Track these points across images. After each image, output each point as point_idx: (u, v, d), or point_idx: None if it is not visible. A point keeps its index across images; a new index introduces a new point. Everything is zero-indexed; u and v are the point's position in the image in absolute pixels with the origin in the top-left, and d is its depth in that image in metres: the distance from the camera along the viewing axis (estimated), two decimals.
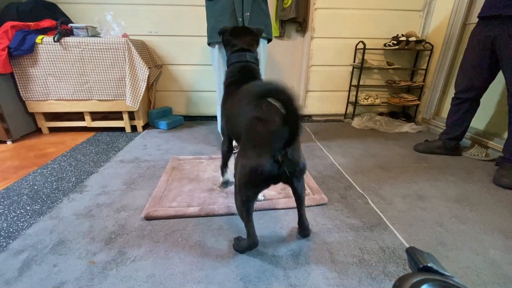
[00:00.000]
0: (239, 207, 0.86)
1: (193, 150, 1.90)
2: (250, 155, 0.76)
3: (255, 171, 0.73)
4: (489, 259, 0.95)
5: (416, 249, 0.40)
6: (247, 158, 0.76)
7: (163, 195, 1.30)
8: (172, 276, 0.86)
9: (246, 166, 0.76)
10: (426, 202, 1.30)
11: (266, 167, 0.72)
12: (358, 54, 2.57)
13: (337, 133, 2.35)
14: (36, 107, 2.11)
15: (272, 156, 0.72)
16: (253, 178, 0.75)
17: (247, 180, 0.77)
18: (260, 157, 0.73)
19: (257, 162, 0.73)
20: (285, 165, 0.74)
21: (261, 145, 0.74)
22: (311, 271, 0.89)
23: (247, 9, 1.57)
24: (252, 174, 0.74)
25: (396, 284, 0.33)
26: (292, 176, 0.79)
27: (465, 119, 1.77)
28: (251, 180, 0.76)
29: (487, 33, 1.52)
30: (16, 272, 0.87)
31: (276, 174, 0.75)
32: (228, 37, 1.20)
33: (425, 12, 2.46)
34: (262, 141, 0.74)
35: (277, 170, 0.74)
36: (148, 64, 2.22)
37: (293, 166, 0.76)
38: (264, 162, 0.72)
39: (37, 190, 1.36)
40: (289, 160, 0.74)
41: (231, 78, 1.16)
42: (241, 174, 0.78)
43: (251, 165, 0.74)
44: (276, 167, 0.73)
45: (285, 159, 0.73)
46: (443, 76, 2.31)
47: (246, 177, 0.77)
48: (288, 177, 0.79)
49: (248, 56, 1.17)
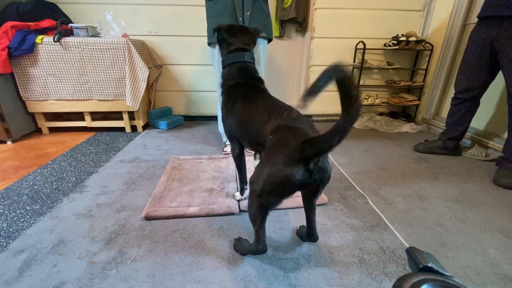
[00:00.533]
0: (254, 212, 0.81)
1: (193, 150, 1.90)
2: (280, 163, 0.72)
3: (287, 180, 0.70)
4: (489, 259, 0.95)
5: (416, 249, 0.40)
6: (277, 166, 0.72)
7: (163, 195, 1.30)
8: (172, 276, 0.86)
9: (275, 175, 0.72)
10: (426, 202, 1.30)
11: (299, 175, 0.70)
12: (358, 54, 2.56)
13: None
14: (36, 107, 2.11)
15: (306, 164, 0.70)
16: (282, 187, 0.73)
17: (274, 188, 0.74)
18: (292, 165, 0.70)
19: (289, 171, 0.70)
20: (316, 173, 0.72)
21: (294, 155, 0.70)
22: (311, 271, 0.89)
23: (248, 9, 1.56)
24: (283, 183, 0.71)
25: (396, 284, 0.33)
26: (321, 184, 0.77)
27: (465, 119, 1.77)
28: (279, 188, 0.73)
29: (487, 34, 1.52)
30: (16, 272, 0.87)
31: (307, 183, 0.73)
32: (224, 35, 1.14)
33: (425, 12, 2.46)
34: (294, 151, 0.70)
35: (308, 178, 0.72)
36: (148, 64, 2.22)
37: (323, 174, 0.74)
38: (296, 170, 0.70)
39: (37, 190, 1.36)
40: (320, 168, 0.73)
41: (230, 80, 1.10)
42: (267, 182, 0.74)
43: (282, 174, 0.71)
44: (308, 175, 0.71)
45: (316, 168, 0.72)
46: (443, 76, 2.31)
47: (274, 185, 0.73)
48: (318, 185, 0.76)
49: (246, 56, 1.12)
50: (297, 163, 0.70)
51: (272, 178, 0.73)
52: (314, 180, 0.73)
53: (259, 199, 0.77)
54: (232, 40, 1.13)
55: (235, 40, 1.13)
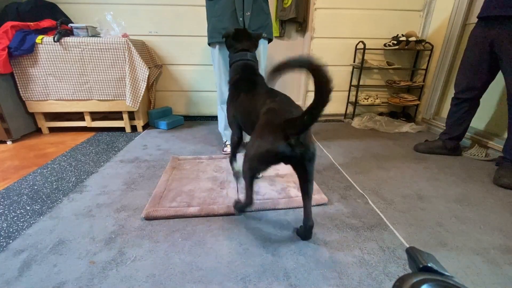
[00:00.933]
0: (246, 171, 0.97)
1: (193, 150, 1.90)
2: (267, 137, 0.86)
3: (270, 151, 0.85)
4: (489, 259, 0.95)
5: (416, 249, 0.40)
6: (264, 140, 0.87)
7: (163, 195, 1.30)
8: (172, 276, 0.86)
9: (263, 147, 0.87)
10: (426, 202, 1.30)
11: (281, 149, 0.84)
12: (358, 54, 2.57)
13: (337, 133, 2.35)
14: (36, 107, 2.11)
15: (286, 140, 0.83)
16: (267, 157, 0.87)
17: (261, 157, 0.88)
18: (275, 140, 0.84)
19: (272, 144, 0.84)
20: (297, 148, 0.84)
21: (277, 130, 0.84)
22: (311, 271, 0.89)
23: (248, 9, 1.57)
24: (267, 154, 0.86)
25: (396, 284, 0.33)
26: (304, 160, 0.88)
27: (465, 119, 1.77)
28: (264, 158, 0.88)
29: (487, 34, 1.52)
30: (16, 272, 0.87)
31: (288, 156, 0.85)
32: (231, 42, 1.33)
33: (425, 12, 2.46)
34: (277, 127, 0.85)
35: (289, 152, 0.84)
36: (148, 64, 2.22)
37: (305, 150, 0.86)
38: (279, 145, 0.84)
39: (37, 190, 1.36)
40: (301, 144, 0.84)
41: (235, 75, 1.28)
42: (256, 151, 0.89)
43: (267, 147, 0.86)
44: (289, 149, 0.84)
45: (297, 144, 0.84)
46: (443, 76, 2.31)
47: (261, 154, 0.88)
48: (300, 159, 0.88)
49: (248, 55, 1.30)
50: (279, 138, 0.84)
51: (260, 149, 0.88)
52: (296, 154, 0.85)
53: (250, 162, 0.94)
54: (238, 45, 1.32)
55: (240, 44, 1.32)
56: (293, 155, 0.85)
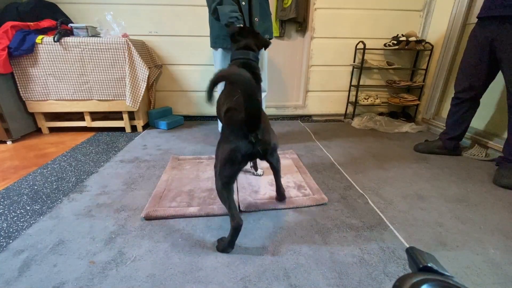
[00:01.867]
0: (219, 190, 0.95)
1: (193, 150, 1.90)
2: (229, 139, 0.90)
3: (234, 151, 0.88)
4: (489, 259, 0.95)
5: (416, 249, 0.40)
6: (227, 142, 0.90)
7: (163, 195, 1.30)
8: (172, 276, 0.86)
9: (226, 148, 0.89)
10: (426, 202, 1.30)
11: (243, 147, 0.88)
12: (358, 54, 2.57)
13: (337, 133, 2.35)
14: (36, 107, 2.11)
15: (246, 138, 0.87)
16: (232, 158, 0.89)
17: (228, 160, 0.89)
18: (237, 140, 0.88)
19: (235, 144, 0.88)
20: (258, 144, 0.89)
21: (237, 130, 0.88)
22: (311, 271, 0.89)
23: (256, 15, 1.61)
24: (232, 154, 0.88)
25: (396, 284, 0.33)
26: (266, 154, 0.95)
27: (465, 119, 1.76)
28: (231, 159, 0.89)
29: (486, 34, 1.52)
30: (16, 272, 0.87)
31: (251, 153, 0.89)
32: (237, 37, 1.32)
33: (425, 12, 2.46)
34: (237, 127, 0.89)
35: (251, 149, 0.88)
36: (148, 64, 2.22)
37: (265, 145, 0.91)
38: (241, 143, 0.87)
39: (37, 190, 1.36)
40: (261, 141, 0.89)
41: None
42: (222, 156, 0.91)
43: (230, 147, 0.88)
44: (250, 147, 0.88)
45: (257, 140, 0.88)
46: (443, 76, 2.31)
47: (227, 157, 0.89)
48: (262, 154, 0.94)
49: (251, 54, 1.28)
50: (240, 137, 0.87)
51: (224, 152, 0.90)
52: (257, 150, 0.90)
53: (220, 176, 0.93)
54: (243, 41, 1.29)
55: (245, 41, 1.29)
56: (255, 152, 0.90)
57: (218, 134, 2.22)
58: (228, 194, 0.94)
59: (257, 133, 0.87)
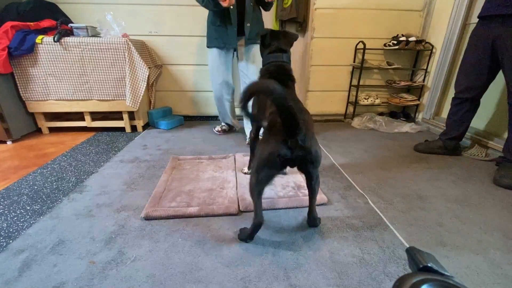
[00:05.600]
0: (252, 187, 0.95)
1: (193, 150, 1.90)
2: (270, 141, 0.90)
3: (272, 154, 0.88)
4: (489, 259, 0.95)
5: (416, 249, 0.40)
6: (267, 144, 0.91)
7: (163, 195, 1.30)
8: (172, 276, 0.86)
9: (266, 150, 0.90)
10: (426, 202, 1.30)
11: (281, 151, 0.87)
12: (358, 54, 2.56)
13: (337, 133, 2.35)
14: (36, 107, 2.11)
15: (286, 143, 0.86)
16: (270, 160, 0.89)
17: (265, 162, 0.90)
18: (276, 143, 0.88)
19: (274, 147, 0.88)
20: (297, 151, 0.87)
21: (278, 134, 0.88)
22: (311, 271, 0.89)
23: (248, 20, 1.71)
24: (270, 157, 0.89)
25: (396, 284, 0.33)
26: (306, 162, 0.92)
27: (465, 119, 1.76)
28: (268, 161, 0.89)
29: (488, 33, 1.52)
30: (16, 272, 0.87)
31: (290, 158, 0.88)
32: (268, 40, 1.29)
33: (425, 12, 2.46)
34: (278, 130, 0.88)
35: (290, 154, 0.87)
36: (148, 64, 2.22)
37: (305, 152, 0.88)
38: (280, 147, 0.87)
39: (37, 190, 1.36)
40: (301, 147, 0.87)
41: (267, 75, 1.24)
42: (260, 157, 0.92)
43: (269, 149, 0.89)
44: (289, 152, 0.87)
45: (296, 146, 0.86)
46: (443, 76, 2.31)
47: (265, 159, 0.90)
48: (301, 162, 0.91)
49: (284, 56, 1.26)
50: (280, 140, 0.87)
51: (263, 153, 0.91)
52: (296, 156, 0.88)
53: (256, 174, 0.93)
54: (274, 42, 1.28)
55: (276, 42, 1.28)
56: (294, 158, 0.88)
57: (218, 134, 2.23)
58: (259, 194, 0.95)
59: (297, 139, 0.85)
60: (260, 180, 0.93)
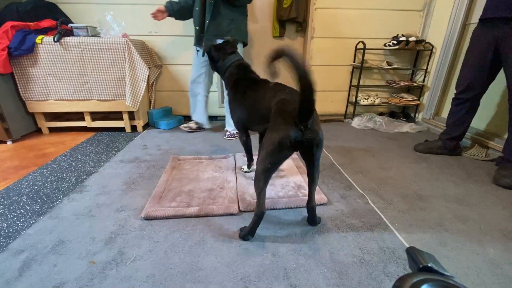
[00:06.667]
0: (258, 175, 0.97)
1: (193, 150, 1.90)
2: (280, 127, 0.92)
3: (284, 138, 0.90)
4: (489, 259, 0.95)
5: (416, 249, 0.40)
6: (277, 130, 0.92)
7: (163, 195, 1.30)
8: (172, 276, 0.86)
9: (276, 136, 0.91)
10: (426, 202, 1.30)
11: (293, 134, 0.89)
12: (358, 54, 2.57)
13: (337, 133, 2.35)
14: (36, 107, 2.11)
15: (296, 125, 0.89)
16: (281, 143, 0.90)
17: (276, 146, 0.91)
18: (288, 127, 0.90)
19: (286, 130, 0.90)
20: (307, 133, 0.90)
21: (288, 118, 0.91)
22: (311, 271, 0.89)
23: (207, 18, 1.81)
24: (281, 140, 0.90)
25: (396, 284, 0.33)
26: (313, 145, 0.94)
27: (465, 119, 1.76)
28: (280, 144, 0.91)
29: (491, 34, 1.50)
30: (16, 272, 0.87)
31: (300, 140, 0.90)
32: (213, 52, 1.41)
33: (425, 12, 2.46)
34: (288, 115, 0.91)
35: (301, 136, 0.90)
36: (148, 64, 2.22)
37: (313, 134, 0.92)
38: (291, 130, 0.89)
39: (37, 190, 1.36)
40: (310, 129, 0.90)
41: (234, 76, 1.33)
42: (271, 142, 0.93)
43: (281, 134, 0.90)
44: (300, 133, 0.89)
45: (307, 129, 0.90)
46: (443, 76, 2.31)
47: (276, 143, 0.91)
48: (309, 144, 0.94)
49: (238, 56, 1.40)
50: (291, 124, 0.89)
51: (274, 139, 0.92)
52: (306, 139, 0.90)
53: (266, 161, 0.94)
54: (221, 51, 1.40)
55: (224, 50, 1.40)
56: (304, 140, 0.91)
57: (218, 134, 2.23)
58: (265, 182, 0.97)
59: (307, 123, 0.89)
60: (269, 167, 0.94)
